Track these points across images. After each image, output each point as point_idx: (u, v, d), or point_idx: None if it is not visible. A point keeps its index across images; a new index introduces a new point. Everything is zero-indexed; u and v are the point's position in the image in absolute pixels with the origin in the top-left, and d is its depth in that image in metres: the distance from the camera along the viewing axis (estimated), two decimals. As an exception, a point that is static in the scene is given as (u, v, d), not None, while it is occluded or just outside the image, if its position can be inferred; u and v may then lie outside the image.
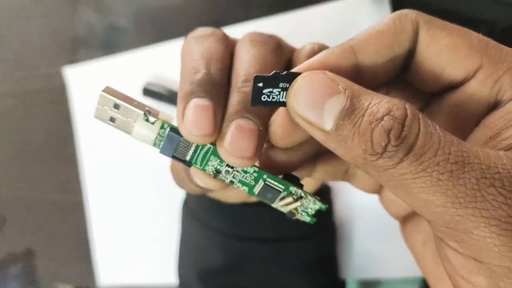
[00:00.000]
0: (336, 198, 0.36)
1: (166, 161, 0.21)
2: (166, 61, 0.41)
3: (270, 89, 0.17)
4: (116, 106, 0.18)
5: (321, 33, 0.35)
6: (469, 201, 0.13)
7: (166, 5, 0.41)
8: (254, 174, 0.19)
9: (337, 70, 0.16)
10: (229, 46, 0.21)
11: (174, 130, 0.18)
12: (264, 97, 0.17)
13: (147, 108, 0.18)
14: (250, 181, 0.19)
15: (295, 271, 0.30)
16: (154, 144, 0.18)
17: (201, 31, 0.21)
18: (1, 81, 0.49)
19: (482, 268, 0.14)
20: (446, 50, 0.17)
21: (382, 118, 0.14)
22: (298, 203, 0.19)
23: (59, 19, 0.46)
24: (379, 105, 0.14)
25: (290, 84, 0.16)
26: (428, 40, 0.17)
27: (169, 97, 0.40)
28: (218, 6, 0.40)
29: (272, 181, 0.19)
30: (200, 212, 0.30)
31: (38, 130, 0.49)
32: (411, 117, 0.14)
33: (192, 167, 0.19)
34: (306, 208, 0.20)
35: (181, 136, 0.18)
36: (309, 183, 0.29)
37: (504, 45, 0.17)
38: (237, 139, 0.17)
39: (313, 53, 0.21)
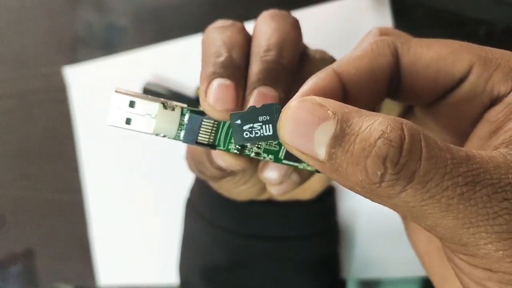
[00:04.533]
0: (338, 198, 0.36)
1: (166, 161, 0.21)
2: (166, 61, 0.41)
3: (250, 125, 0.16)
4: (132, 104, 0.17)
5: (321, 33, 0.35)
6: (481, 219, 0.13)
7: (166, 5, 0.41)
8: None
9: (329, 93, 0.16)
10: (248, 37, 0.21)
11: (195, 111, 0.18)
12: (246, 134, 0.16)
13: (162, 100, 0.18)
14: (274, 147, 0.19)
15: (300, 270, 0.30)
16: (176, 136, 0.18)
17: (222, 22, 0.21)
18: (1, 81, 0.49)
19: (493, 276, 0.14)
20: (433, 62, 0.17)
21: (375, 143, 0.13)
22: None
23: (59, 19, 0.46)
24: (371, 127, 0.13)
25: (269, 117, 0.16)
26: (412, 58, 0.17)
27: (170, 97, 0.40)
28: (218, 6, 0.40)
29: None
30: (205, 209, 0.30)
31: (38, 130, 0.49)
32: (409, 140, 0.13)
33: (216, 150, 0.19)
34: None
35: (203, 115, 0.18)
36: (311, 186, 0.29)
37: (504, 46, 0.17)
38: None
39: (315, 60, 0.21)
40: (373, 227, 0.36)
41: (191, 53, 0.41)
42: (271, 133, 0.16)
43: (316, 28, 0.35)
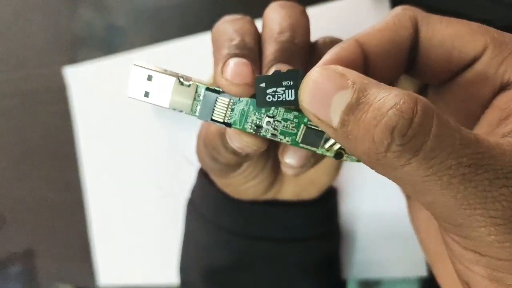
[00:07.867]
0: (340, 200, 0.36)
1: (166, 161, 0.21)
2: (166, 61, 0.41)
3: (274, 89, 0.17)
4: (149, 78, 0.18)
5: (321, 33, 0.35)
6: (479, 202, 0.13)
7: (166, 5, 0.41)
8: (295, 120, 0.18)
9: (350, 64, 0.16)
10: (257, 29, 0.21)
11: (210, 89, 0.18)
12: (269, 97, 0.17)
13: (180, 74, 0.18)
14: (291, 129, 0.19)
15: (302, 272, 0.30)
16: (191, 111, 0.18)
17: (230, 16, 0.22)
18: (1, 81, 0.49)
19: (482, 260, 0.14)
20: (449, 39, 0.17)
21: (386, 113, 0.13)
22: None
23: (59, 19, 0.46)
24: (386, 98, 0.13)
25: (293, 82, 0.16)
26: (430, 33, 0.17)
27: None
28: (218, 5, 0.40)
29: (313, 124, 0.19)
30: (207, 210, 0.30)
31: (38, 130, 0.48)
32: (421, 114, 0.13)
33: (231, 128, 0.19)
34: None
35: (218, 93, 0.18)
36: (319, 181, 0.29)
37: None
38: None
39: (325, 46, 0.21)
40: (373, 227, 0.36)
41: (191, 53, 0.40)
42: (293, 98, 0.16)
43: (316, 28, 0.35)
